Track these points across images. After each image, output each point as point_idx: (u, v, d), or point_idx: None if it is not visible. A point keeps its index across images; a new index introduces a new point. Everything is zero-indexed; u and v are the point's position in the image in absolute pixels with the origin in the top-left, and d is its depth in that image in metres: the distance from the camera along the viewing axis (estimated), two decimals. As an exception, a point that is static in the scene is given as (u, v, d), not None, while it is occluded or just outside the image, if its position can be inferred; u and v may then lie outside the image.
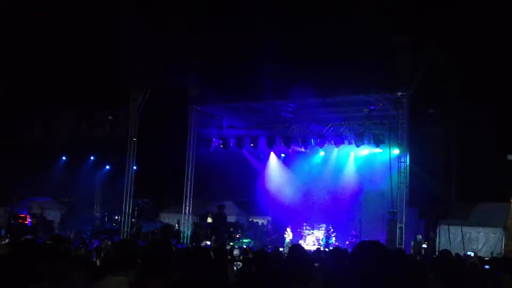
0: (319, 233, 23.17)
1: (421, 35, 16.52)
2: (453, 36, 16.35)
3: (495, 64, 16.55)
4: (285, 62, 17.50)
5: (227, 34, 18.24)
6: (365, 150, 22.89)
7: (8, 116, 22.37)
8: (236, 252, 12.61)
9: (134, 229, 22.62)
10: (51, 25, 17.83)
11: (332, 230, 22.71)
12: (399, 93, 17.90)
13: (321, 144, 22.91)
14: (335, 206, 23.72)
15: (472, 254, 14.56)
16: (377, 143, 20.71)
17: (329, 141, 22.40)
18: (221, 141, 23.35)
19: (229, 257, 9.42)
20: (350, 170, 24.03)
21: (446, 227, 18.74)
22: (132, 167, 22.71)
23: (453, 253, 8.68)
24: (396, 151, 19.25)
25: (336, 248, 7.61)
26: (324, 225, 23.18)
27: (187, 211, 21.95)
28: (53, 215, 25.58)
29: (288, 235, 23.08)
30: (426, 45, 16.63)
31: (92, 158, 28.37)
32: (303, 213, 24.41)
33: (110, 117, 24.16)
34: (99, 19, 17.87)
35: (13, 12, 17.53)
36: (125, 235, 22.12)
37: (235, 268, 7.97)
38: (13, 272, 3.13)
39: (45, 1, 17.51)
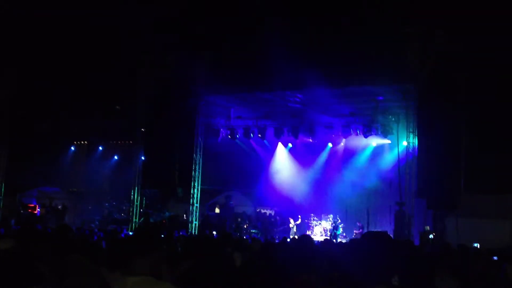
0: (327, 224, 23.19)
1: (431, 24, 16.35)
2: (463, 24, 16.15)
3: (506, 53, 16.34)
4: (294, 53, 17.39)
5: (235, 23, 18.15)
6: (373, 141, 22.84)
7: (17, 107, 22.48)
8: (243, 242, 12.64)
9: (142, 219, 22.74)
10: (58, 16, 17.84)
11: (339, 220, 22.69)
12: (408, 84, 17.79)
13: (329, 135, 22.89)
14: (343, 197, 23.69)
15: (478, 245, 14.54)
16: (385, 133, 20.67)
17: (337, 132, 22.37)
18: (229, 132, 23.38)
19: (236, 246, 9.44)
20: (357, 161, 23.98)
21: (454, 218, 18.67)
22: (140, 157, 22.81)
23: (460, 244, 8.67)
24: (404, 142, 19.20)
25: (353, 240, 7.61)
26: (331, 216, 23.18)
27: (194, 201, 22.03)
28: (62, 204, 25.77)
29: (293, 226, 23.13)
30: (436, 34, 16.46)
31: (100, 148, 28.49)
32: (310, 204, 24.41)
33: (118, 107, 24.18)
34: (106, 9, 17.83)
35: (23, 7, 17.54)
36: (133, 225, 22.26)
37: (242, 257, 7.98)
38: (15, 271, 3.04)
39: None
